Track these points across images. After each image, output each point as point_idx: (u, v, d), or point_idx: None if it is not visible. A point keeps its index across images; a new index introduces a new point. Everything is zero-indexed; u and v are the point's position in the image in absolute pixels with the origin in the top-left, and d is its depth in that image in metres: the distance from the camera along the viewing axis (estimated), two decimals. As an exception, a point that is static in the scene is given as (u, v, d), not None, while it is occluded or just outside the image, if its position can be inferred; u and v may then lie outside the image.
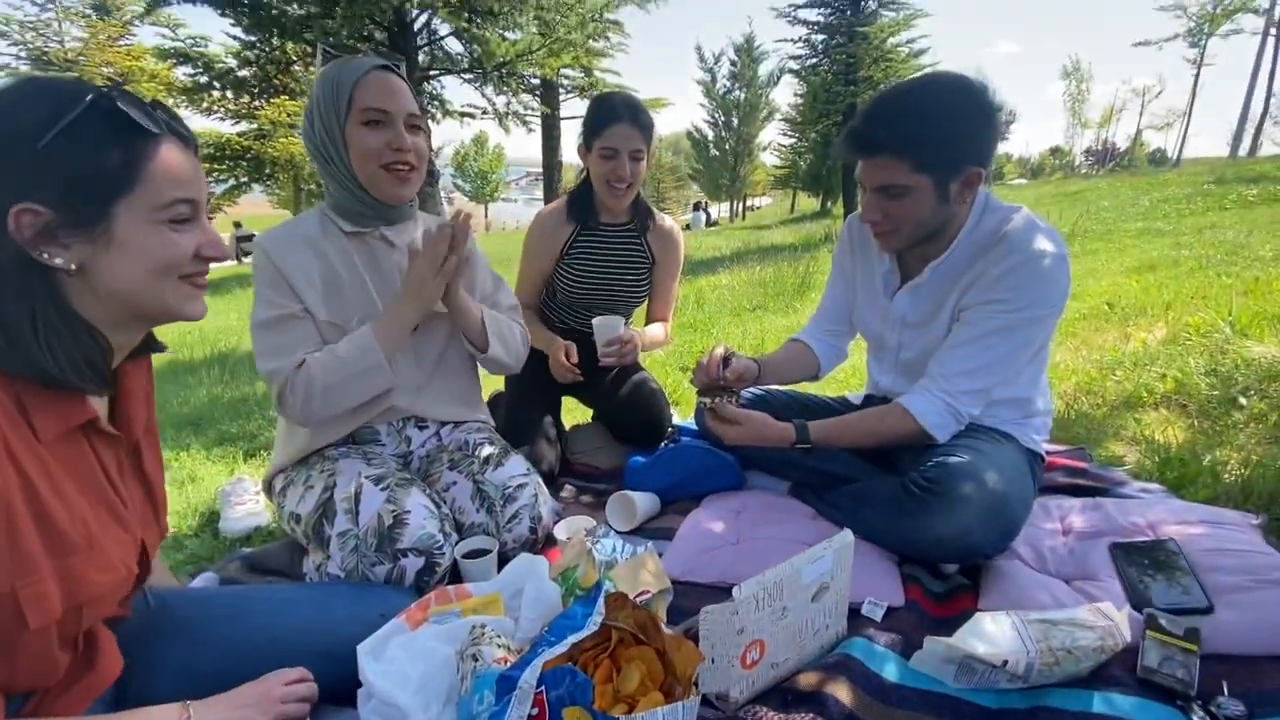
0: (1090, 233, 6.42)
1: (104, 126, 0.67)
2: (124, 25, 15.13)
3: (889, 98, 1.20)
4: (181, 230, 0.73)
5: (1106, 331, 2.90)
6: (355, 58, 1.28)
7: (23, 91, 0.66)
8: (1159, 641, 0.93)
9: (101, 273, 0.69)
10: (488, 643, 0.91)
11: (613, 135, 1.67)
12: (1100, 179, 16.59)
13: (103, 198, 0.68)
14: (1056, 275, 1.18)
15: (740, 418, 1.34)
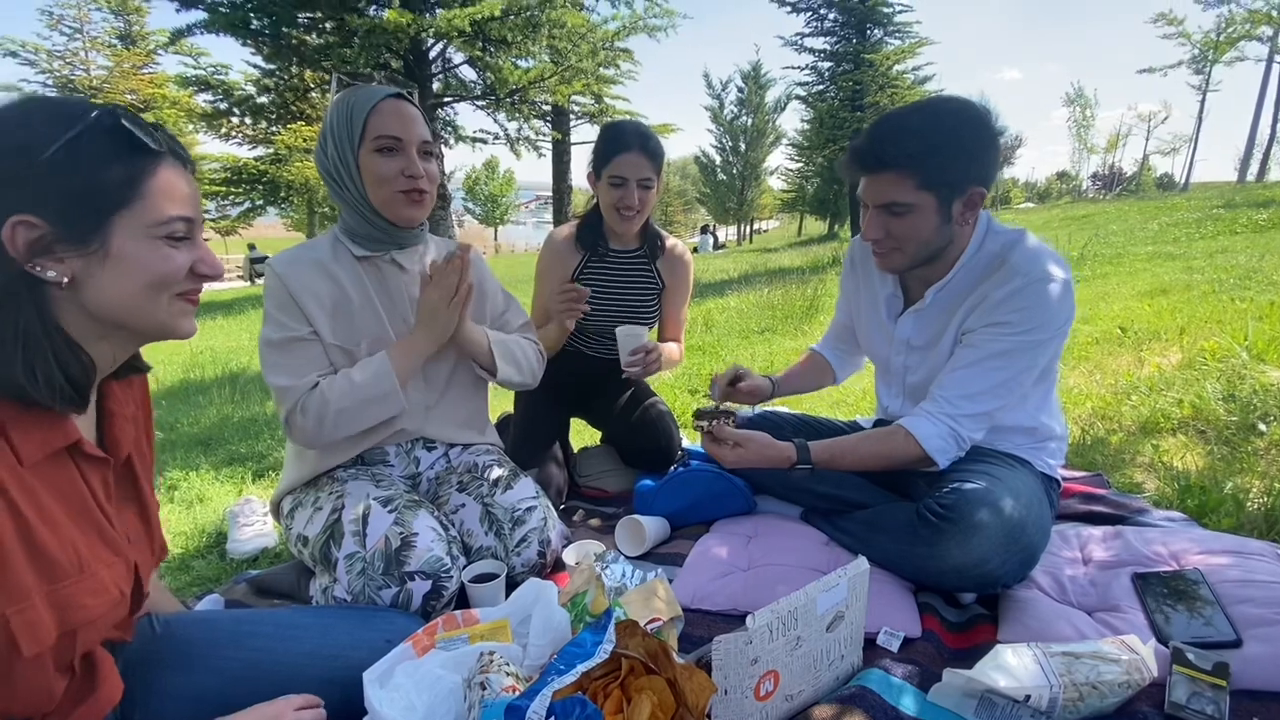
0: (1100, 256, 6.41)
1: (106, 143, 0.68)
2: (148, 54, 15.58)
3: (894, 116, 1.21)
4: (178, 247, 0.73)
5: (1120, 355, 2.87)
6: (369, 85, 1.30)
7: (28, 108, 0.67)
8: (1187, 676, 0.90)
9: (94, 287, 0.69)
10: (496, 670, 0.89)
11: (621, 163, 1.68)
12: (1108, 203, 16.61)
13: (101, 212, 0.68)
14: (1060, 298, 1.17)
15: (740, 439, 1.29)
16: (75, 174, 0.66)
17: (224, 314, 10.50)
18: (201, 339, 7.88)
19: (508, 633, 1.06)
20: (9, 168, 0.65)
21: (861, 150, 1.20)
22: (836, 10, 14.37)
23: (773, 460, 1.28)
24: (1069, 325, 1.21)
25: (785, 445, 1.28)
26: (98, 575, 0.71)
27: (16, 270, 0.65)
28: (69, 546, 0.68)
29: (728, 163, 26.43)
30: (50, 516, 0.67)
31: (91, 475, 0.75)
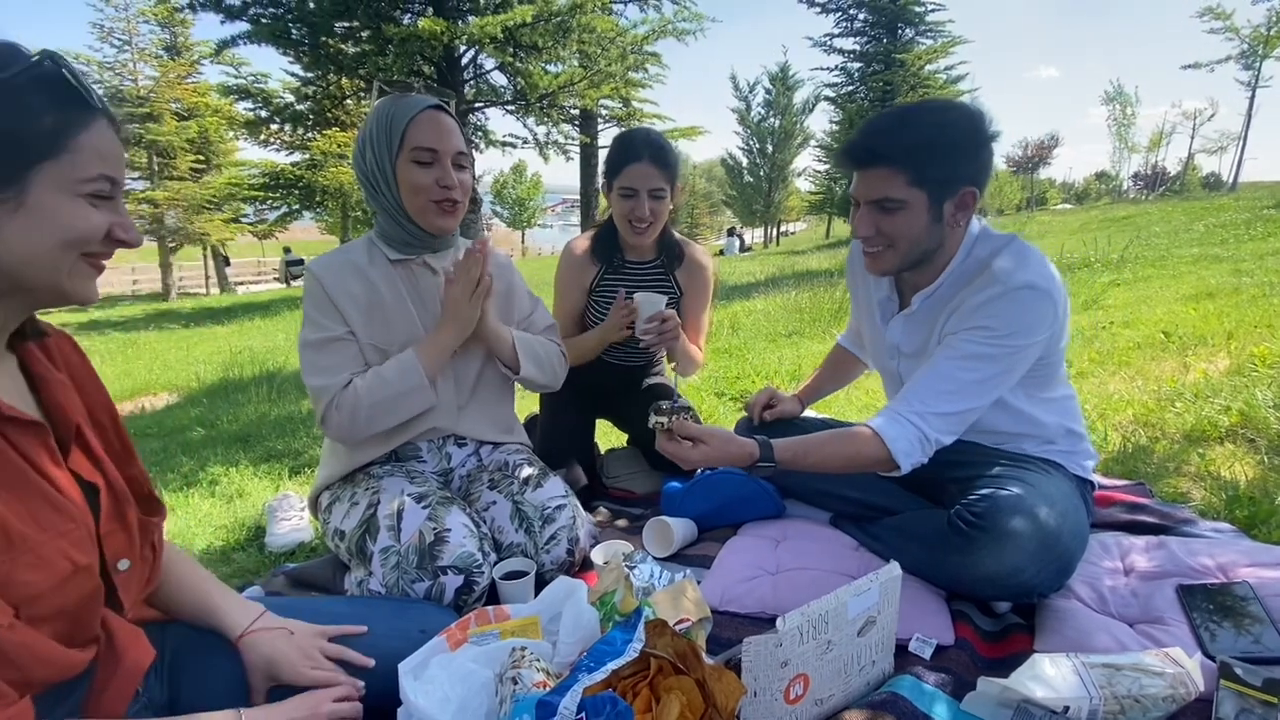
0: (1142, 259, 6.21)
1: (42, 91, 0.65)
2: (191, 64, 16.12)
3: (889, 114, 1.21)
4: (98, 206, 0.69)
5: (1164, 361, 2.78)
6: (409, 95, 1.33)
7: None
8: (1235, 692, 0.87)
9: (2, 238, 0.65)
10: (527, 666, 0.90)
11: (632, 174, 1.66)
12: (1150, 204, 16.08)
13: (25, 160, 0.64)
14: (1037, 307, 1.14)
15: (703, 435, 1.22)
16: (2, 117, 0.63)
17: (261, 315, 10.81)
18: (239, 339, 8.12)
19: (538, 629, 1.07)
20: None
21: (854, 145, 1.20)
22: (867, 10, 14.20)
23: (735, 458, 1.22)
24: (1049, 333, 1.18)
25: (747, 442, 1.22)
26: (36, 549, 0.68)
27: None
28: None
29: (754, 165, 26.27)
30: None
31: (24, 441, 0.70)
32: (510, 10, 5.41)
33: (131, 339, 9.01)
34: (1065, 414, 1.30)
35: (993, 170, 1.22)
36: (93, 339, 9.01)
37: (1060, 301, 1.17)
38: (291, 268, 19.85)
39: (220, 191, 15.68)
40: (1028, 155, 37.00)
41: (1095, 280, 5.18)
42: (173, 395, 5.13)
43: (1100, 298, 4.53)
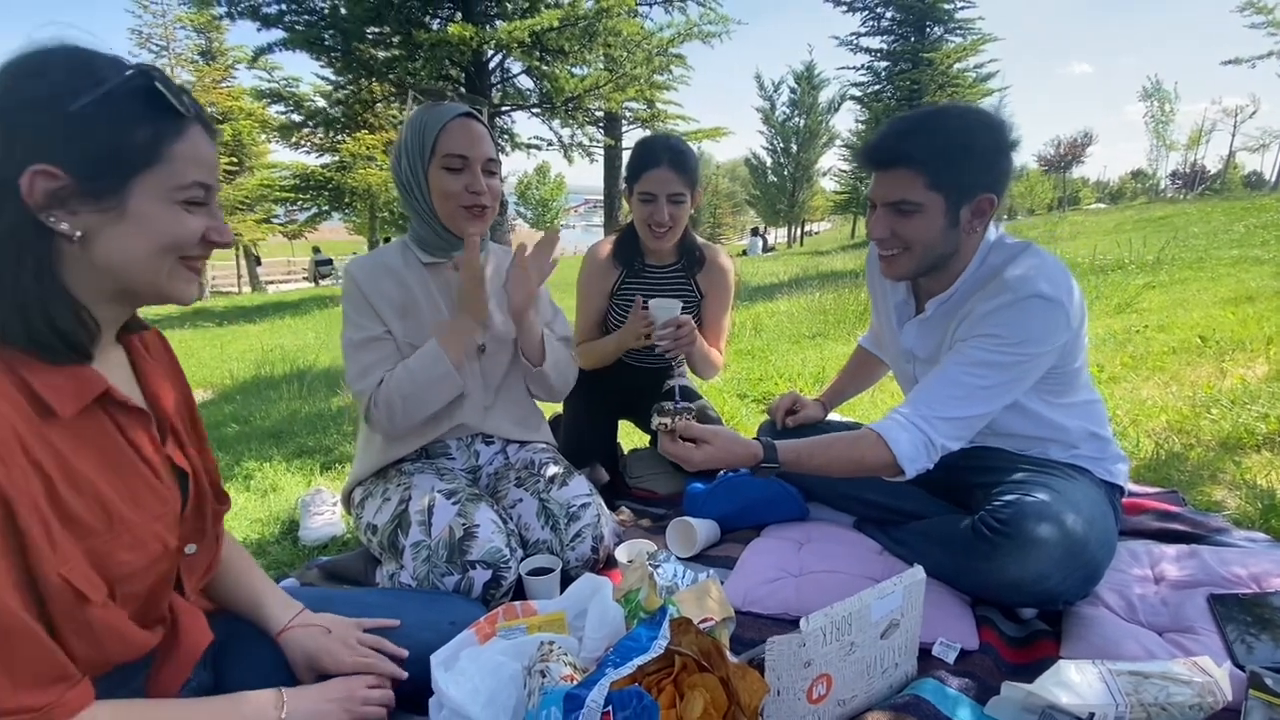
0: (1179, 261, 6.05)
1: (137, 102, 0.68)
2: (226, 69, 16.55)
3: (910, 116, 1.21)
4: (193, 212, 0.73)
5: (1200, 366, 2.71)
6: (442, 104, 1.37)
7: (60, 56, 0.66)
8: (1265, 702, 0.86)
9: (105, 244, 0.68)
10: (555, 660, 0.92)
11: (651, 179, 1.68)
12: (1189, 204, 15.62)
13: (124, 171, 0.68)
14: (1047, 317, 1.13)
15: (706, 436, 1.20)
16: (102, 130, 0.66)
17: (292, 314, 11.06)
18: (271, 337, 8.32)
19: (564, 625, 1.10)
20: (35, 117, 0.64)
21: (875, 146, 1.20)
22: (894, 9, 14.02)
23: (739, 458, 1.21)
24: (1061, 342, 1.16)
25: (752, 443, 1.22)
26: (134, 529, 0.71)
27: (28, 218, 0.65)
28: (95, 504, 0.68)
29: (779, 164, 26.12)
30: (74, 474, 0.67)
31: (130, 427, 0.74)
32: (537, 15, 5.48)
33: (168, 336, 9.28)
34: (1089, 418, 1.29)
35: (1011, 179, 1.21)
36: (132, 336, 9.29)
37: (1074, 311, 1.16)
38: (320, 267, 20.26)
39: (253, 193, 16.07)
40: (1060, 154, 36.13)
41: (1129, 283, 5.07)
42: (208, 391, 5.28)
43: (1134, 301, 4.42)
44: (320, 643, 0.97)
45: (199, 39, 16.57)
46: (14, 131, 0.65)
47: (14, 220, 0.65)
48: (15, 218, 0.64)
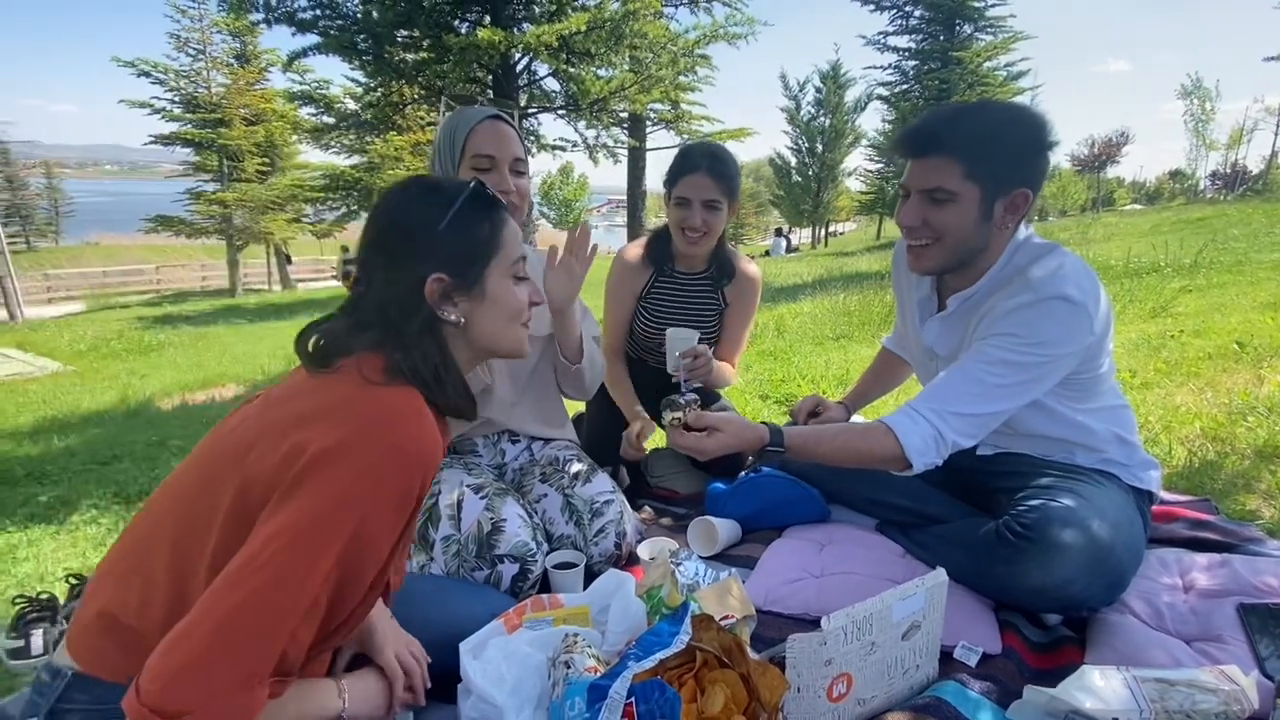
0: (1217, 264, 5.88)
1: (480, 206, 0.88)
2: (260, 71, 16.94)
3: (951, 105, 1.23)
4: (519, 284, 0.92)
5: (1236, 373, 2.64)
6: (473, 108, 1.42)
7: (415, 191, 0.88)
8: (1297, 714, 0.85)
9: (477, 323, 0.88)
10: (579, 651, 0.95)
11: (688, 184, 1.68)
12: (1229, 205, 15.15)
13: (481, 262, 0.87)
14: (1068, 319, 1.11)
15: (718, 424, 1.19)
16: (463, 236, 0.86)
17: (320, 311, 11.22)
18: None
19: (588, 618, 1.12)
20: (419, 238, 0.85)
21: (913, 131, 1.19)
22: (923, 7, 13.83)
23: (749, 443, 1.20)
24: (1082, 346, 1.14)
25: (759, 427, 1.21)
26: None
27: (430, 315, 0.84)
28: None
29: (803, 164, 25.86)
30: None
31: None
32: (565, 19, 5.53)
33: (201, 333, 9.55)
34: (1116, 423, 1.27)
35: (1047, 177, 1.21)
36: (166, 332, 9.59)
37: (1098, 317, 1.14)
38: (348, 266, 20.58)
39: (284, 193, 16.44)
40: (1094, 153, 35.21)
41: (1165, 286, 4.94)
42: (240, 387, 5.43)
43: (1170, 305, 4.31)
44: (383, 625, 1.01)
45: (234, 43, 16.97)
46: (410, 253, 0.84)
47: (425, 317, 0.84)
48: (426, 314, 0.84)
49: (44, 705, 0.77)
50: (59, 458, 3.25)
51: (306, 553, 0.70)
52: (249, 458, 0.76)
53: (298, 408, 0.79)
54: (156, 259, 24.27)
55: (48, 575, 1.92)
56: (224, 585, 0.69)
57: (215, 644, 0.67)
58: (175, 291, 19.00)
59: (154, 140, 16.43)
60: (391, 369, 0.82)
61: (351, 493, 0.73)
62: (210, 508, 0.76)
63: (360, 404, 0.78)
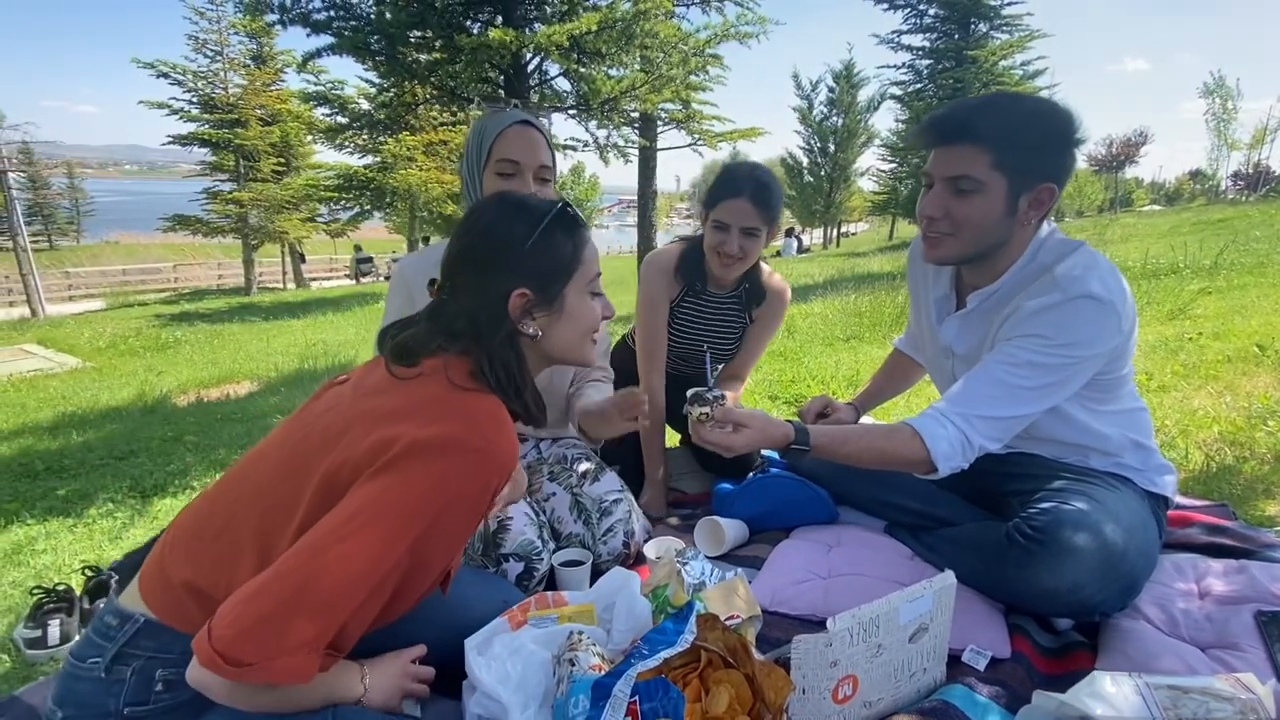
0: (1239, 265, 5.78)
1: (563, 227, 0.91)
2: (276, 72, 17.11)
3: (980, 96, 1.20)
4: (596, 299, 0.97)
5: (1257, 376, 2.60)
6: (504, 111, 1.42)
7: (505, 208, 0.92)
8: (1315, 724, 0.83)
9: (552, 337, 0.93)
10: (584, 649, 0.95)
11: (728, 208, 1.62)
12: (1251, 206, 14.89)
13: (562, 280, 0.92)
14: (1098, 319, 1.09)
15: (746, 420, 1.16)
16: (548, 254, 0.90)
17: (333, 310, 11.39)
18: (314, 333, 8.59)
19: (593, 616, 1.12)
20: (507, 254, 0.89)
21: (941, 118, 1.17)
22: (938, 5, 13.71)
23: (775, 440, 1.18)
24: (1110, 347, 1.12)
25: (786, 424, 1.19)
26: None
27: (511, 328, 0.89)
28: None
29: (815, 164, 25.72)
30: None
31: None
32: (576, 19, 5.53)
33: (217, 330, 9.67)
34: (1132, 427, 1.25)
35: (1072, 175, 1.18)
36: (182, 329, 9.72)
37: (1126, 316, 1.12)
38: (361, 265, 20.79)
39: (298, 192, 16.58)
40: (1113, 153, 34.72)
41: (1183, 288, 4.87)
42: (254, 383, 5.49)
43: (1188, 307, 4.25)
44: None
45: (251, 44, 17.15)
46: (497, 268, 0.89)
47: (508, 330, 0.89)
48: (508, 328, 0.89)
49: (110, 648, 0.80)
50: (77, 452, 3.31)
51: (387, 532, 0.75)
52: (341, 442, 0.81)
53: (389, 403, 0.84)
54: (174, 257, 24.64)
55: (64, 567, 1.95)
56: (306, 549, 0.74)
57: (291, 603, 0.71)
58: (192, 289, 19.27)
59: (172, 140, 16.63)
60: (477, 374, 0.87)
61: (436, 485, 0.77)
62: (299, 485, 0.81)
63: (451, 405, 0.83)
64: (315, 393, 0.98)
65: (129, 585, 0.87)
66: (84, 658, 0.81)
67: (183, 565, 0.83)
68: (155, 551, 0.88)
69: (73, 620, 1.47)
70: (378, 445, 0.78)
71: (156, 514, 2.39)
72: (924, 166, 1.21)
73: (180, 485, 2.67)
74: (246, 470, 0.89)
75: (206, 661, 0.69)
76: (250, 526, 0.82)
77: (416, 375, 0.86)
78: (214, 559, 0.82)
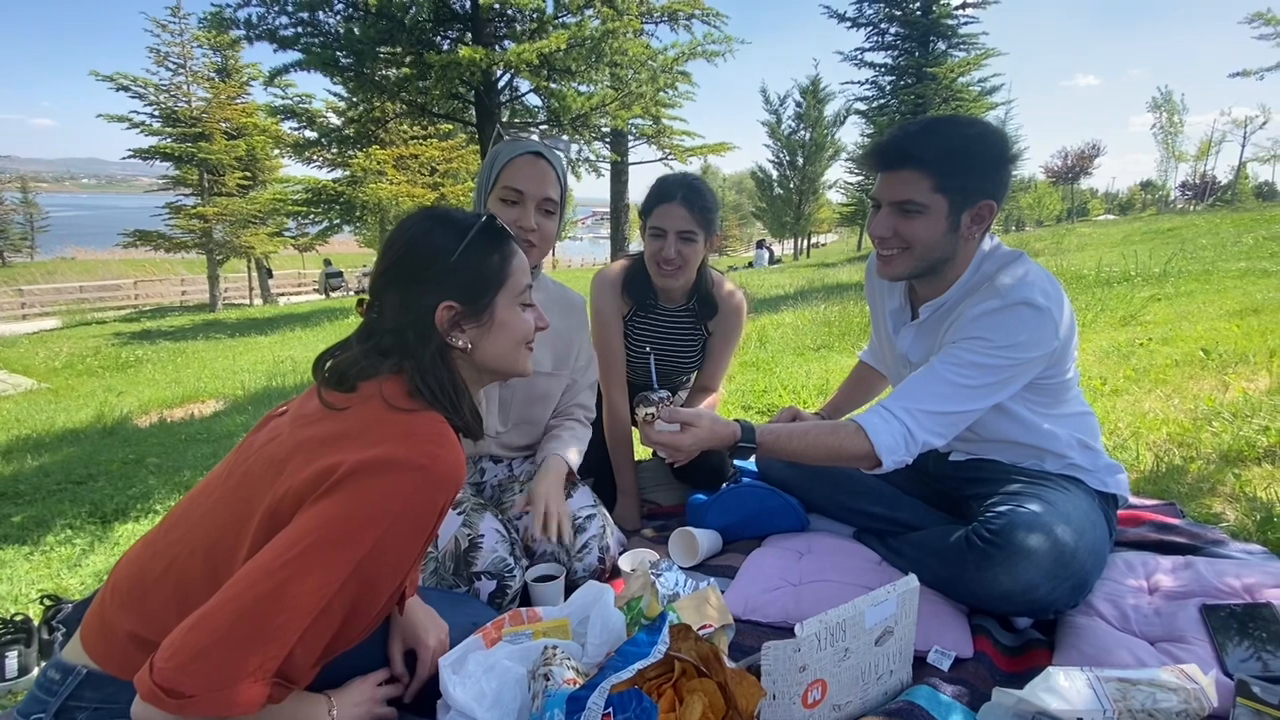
0: (1186, 273, 6.04)
1: (487, 239, 0.92)
2: (241, 85, 16.84)
3: (920, 120, 1.25)
4: (525, 310, 0.97)
5: (1202, 379, 2.72)
6: (522, 140, 1.42)
7: (430, 221, 0.92)
8: (1251, 710, 0.88)
9: (483, 349, 0.93)
10: (558, 664, 0.96)
11: (662, 214, 1.65)
12: (1198, 215, 15.58)
13: (490, 291, 0.91)
14: (1033, 324, 1.16)
15: (692, 419, 1.21)
16: (474, 266, 0.90)
17: (301, 326, 11.18)
18: (282, 349, 8.42)
19: (568, 631, 1.13)
20: (432, 267, 0.88)
21: (885, 145, 1.23)
22: (898, 24, 14.14)
23: (722, 439, 1.22)
24: (1048, 351, 1.18)
25: (732, 424, 1.23)
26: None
27: (440, 342, 0.89)
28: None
29: (784, 177, 26.20)
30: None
31: None
32: (546, 37, 5.60)
33: (181, 348, 9.41)
34: (1080, 429, 1.31)
35: (1010, 189, 1.25)
36: (144, 348, 9.44)
37: (1063, 322, 1.18)
38: (331, 279, 20.46)
39: (265, 207, 16.29)
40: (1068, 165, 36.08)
41: (1135, 295, 5.07)
42: (220, 402, 5.36)
43: (1139, 313, 4.43)
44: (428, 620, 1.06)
45: (215, 57, 16.87)
46: (423, 282, 0.88)
47: (437, 344, 0.89)
48: (437, 342, 0.89)
49: (54, 703, 0.79)
50: (32, 477, 3.19)
51: (330, 555, 0.74)
52: (283, 471, 0.80)
53: (329, 429, 0.83)
54: (135, 273, 23.93)
55: (21, 597, 1.88)
56: (247, 576, 0.73)
57: (233, 633, 0.70)
58: (154, 306, 18.74)
59: (133, 154, 16.22)
60: (414, 393, 0.86)
61: (378, 505, 0.77)
62: (243, 517, 0.80)
63: (391, 425, 0.82)
64: (256, 425, 0.96)
65: (72, 638, 0.84)
66: (28, 714, 0.80)
67: (126, 616, 0.80)
68: (96, 602, 0.86)
69: (31, 651, 1.42)
70: (319, 473, 0.77)
71: (118, 540, 2.32)
72: (871, 190, 1.29)
73: (143, 509, 2.60)
74: (188, 510, 0.87)
75: (148, 696, 0.68)
76: (195, 567, 0.80)
77: (352, 400, 0.85)
78: (158, 606, 0.79)
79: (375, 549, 0.77)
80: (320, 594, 0.73)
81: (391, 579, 0.83)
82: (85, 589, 1.93)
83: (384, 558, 0.79)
